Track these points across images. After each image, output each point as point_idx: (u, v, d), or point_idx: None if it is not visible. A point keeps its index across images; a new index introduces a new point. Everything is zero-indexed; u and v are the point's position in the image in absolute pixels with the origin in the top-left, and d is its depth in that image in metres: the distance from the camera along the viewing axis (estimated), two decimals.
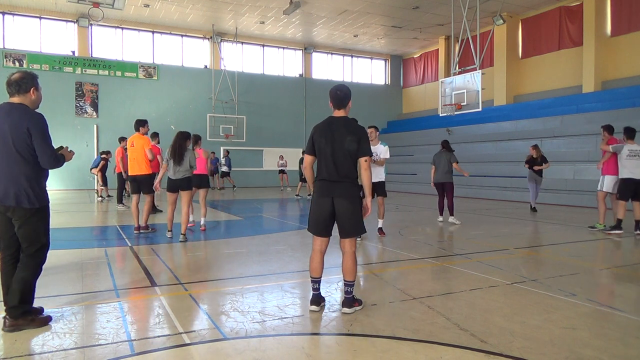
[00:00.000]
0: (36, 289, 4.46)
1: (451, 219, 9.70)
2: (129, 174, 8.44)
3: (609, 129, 8.63)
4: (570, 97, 18.93)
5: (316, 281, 3.93)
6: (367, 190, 3.86)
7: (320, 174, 3.83)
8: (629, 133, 8.32)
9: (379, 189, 7.60)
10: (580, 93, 18.75)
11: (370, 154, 3.85)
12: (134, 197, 8.26)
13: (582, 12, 18.77)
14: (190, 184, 7.52)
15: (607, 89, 18.00)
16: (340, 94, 3.85)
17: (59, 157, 3.54)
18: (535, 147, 12.34)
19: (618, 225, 8.27)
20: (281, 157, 22.10)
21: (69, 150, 3.72)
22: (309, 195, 16.04)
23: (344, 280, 3.88)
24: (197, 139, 8.61)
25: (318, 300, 3.94)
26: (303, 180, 16.04)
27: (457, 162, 9.80)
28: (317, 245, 3.93)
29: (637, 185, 8.05)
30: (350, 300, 3.84)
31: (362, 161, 3.80)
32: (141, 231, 8.04)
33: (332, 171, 3.76)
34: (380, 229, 7.95)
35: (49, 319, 3.56)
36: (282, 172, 21.78)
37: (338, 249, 4.05)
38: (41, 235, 3.50)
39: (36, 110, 3.59)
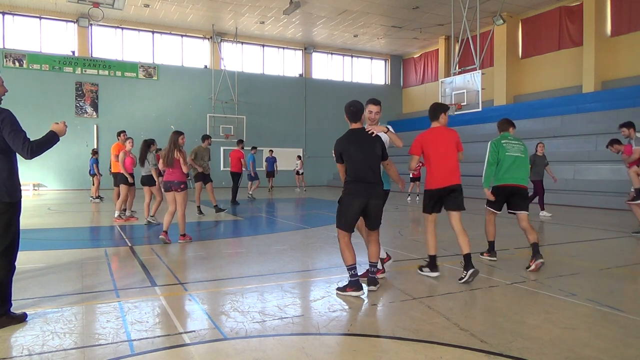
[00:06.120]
0: (35, 289, 4.49)
1: None
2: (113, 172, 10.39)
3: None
4: (570, 97, 18.92)
5: (354, 267, 4.38)
6: (397, 177, 4.82)
7: (355, 177, 4.32)
8: None
9: None
10: (580, 93, 18.75)
11: (387, 156, 4.59)
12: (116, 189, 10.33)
13: (582, 12, 18.77)
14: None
15: (607, 89, 17.99)
16: (354, 109, 4.39)
17: (34, 147, 3.43)
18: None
19: None
20: (298, 157, 22.07)
21: (57, 123, 3.65)
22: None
23: (370, 262, 4.53)
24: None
25: (375, 281, 4.51)
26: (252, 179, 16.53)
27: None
28: (348, 238, 4.40)
29: None
30: (374, 280, 4.49)
31: (388, 162, 4.61)
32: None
33: (368, 174, 4.32)
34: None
35: (24, 315, 3.60)
36: (297, 172, 21.64)
37: (337, 250, 4.09)
38: (13, 230, 3.50)
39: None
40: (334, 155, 4.44)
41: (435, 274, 5.02)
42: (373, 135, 4.38)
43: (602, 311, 3.90)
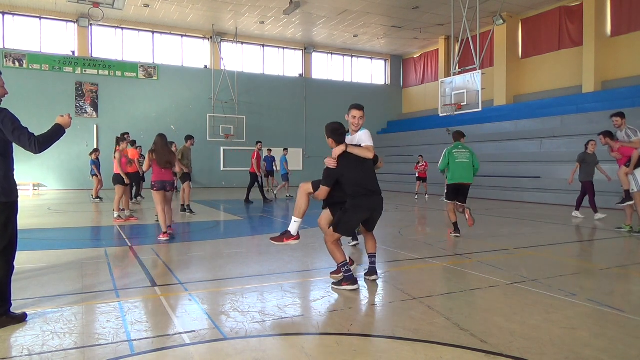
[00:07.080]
0: (35, 289, 4.49)
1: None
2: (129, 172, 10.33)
3: (611, 134, 8.44)
4: (570, 97, 18.92)
5: (346, 263, 4.57)
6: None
7: (361, 191, 4.48)
8: None
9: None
10: (580, 93, 18.74)
11: (378, 158, 5.01)
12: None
13: (582, 12, 18.78)
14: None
15: (607, 89, 17.99)
16: (341, 130, 4.57)
17: (42, 141, 3.43)
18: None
19: None
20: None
21: (62, 115, 3.64)
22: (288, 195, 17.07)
23: (371, 253, 4.87)
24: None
25: (375, 270, 4.85)
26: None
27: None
28: (337, 240, 4.62)
29: None
30: (374, 270, 4.84)
31: (380, 162, 5.15)
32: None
33: (373, 184, 4.59)
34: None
35: (24, 315, 3.60)
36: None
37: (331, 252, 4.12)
38: (11, 230, 3.50)
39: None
40: (326, 182, 4.44)
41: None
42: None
43: (602, 311, 3.90)
